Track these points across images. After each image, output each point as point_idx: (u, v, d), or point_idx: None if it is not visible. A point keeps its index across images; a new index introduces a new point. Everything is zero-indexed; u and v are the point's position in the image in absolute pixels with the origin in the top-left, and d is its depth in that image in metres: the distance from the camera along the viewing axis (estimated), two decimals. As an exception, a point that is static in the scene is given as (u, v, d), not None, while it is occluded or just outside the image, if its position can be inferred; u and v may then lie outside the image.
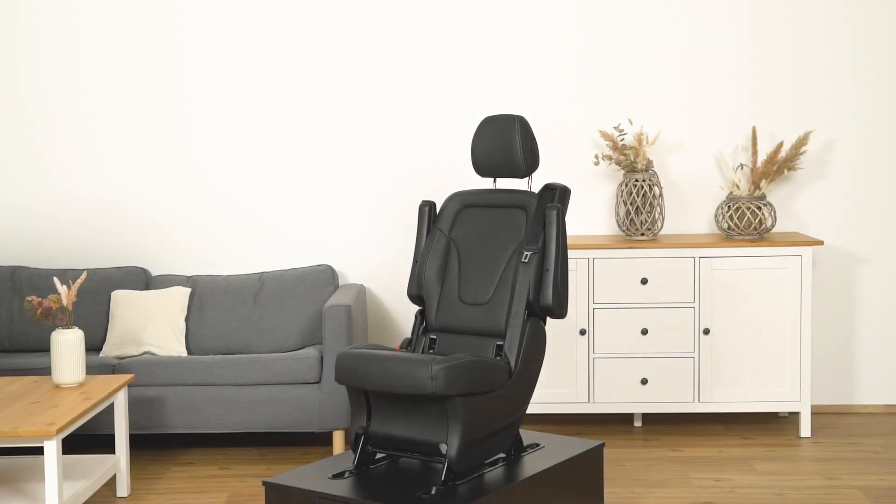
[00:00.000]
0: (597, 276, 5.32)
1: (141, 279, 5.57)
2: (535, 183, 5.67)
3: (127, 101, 5.75)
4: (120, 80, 5.75)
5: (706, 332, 5.32)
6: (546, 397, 5.36)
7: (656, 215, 5.46)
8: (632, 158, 5.46)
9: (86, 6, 5.71)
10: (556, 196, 4.01)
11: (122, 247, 5.78)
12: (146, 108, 5.75)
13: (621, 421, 5.64)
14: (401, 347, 4.10)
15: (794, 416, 5.66)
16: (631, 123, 5.66)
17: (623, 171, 5.57)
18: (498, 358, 3.91)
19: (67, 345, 4.46)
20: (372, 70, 5.75)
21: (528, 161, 4.01)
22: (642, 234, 5.47)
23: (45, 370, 5.01)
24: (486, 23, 5.73)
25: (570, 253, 5.30)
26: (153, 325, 5.26)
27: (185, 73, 5.74)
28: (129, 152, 5.77)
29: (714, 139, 5.73)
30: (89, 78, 5.75)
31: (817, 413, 5.72)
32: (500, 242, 4.05)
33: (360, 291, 5.45)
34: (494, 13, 5.72)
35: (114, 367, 5.04)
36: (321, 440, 5.43)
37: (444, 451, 3.68)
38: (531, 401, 4.86)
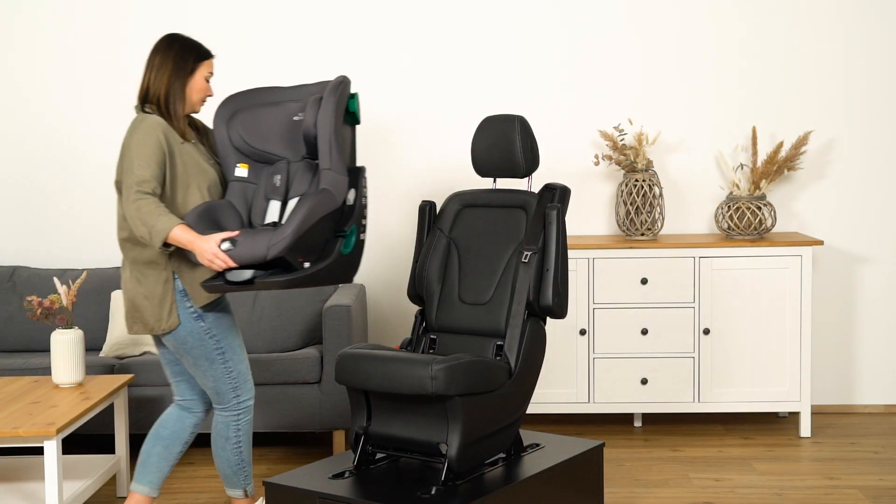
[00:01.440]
0: (597, 276, 5.32)
1: (141, 279, 5.56)
2: (535, 183, 5.67)
3: (129, 101, 5.75)
4: (122, 80, 5.75)
5: (706, 332, 5.32)
6: (546, 397, 5.36)
7: (656, 215, 5.46)
8: (632, 158, 5.46)
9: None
10: (556, 196, 4.01)
11: (122, 247, 5.78)
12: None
13: (621, 421, 5.64)
14: (401, 347, 4.10)
15: (794, 416, 5.66)
16: (631, 123, 5.66)
17: (623, 171, 5.57)
18: (498, 358, 3.91)
19: (67, 345, 4.46)
20: (371, 70, 5.74)
21: (528, 161, 4.01)
22: (642, 234, 5.47)
23: (45, 370, 5.01)
24: (486, 22, 5.73)
25: (570, 253, 5.30)
26: (153, 325, 5.26)
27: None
28: (129, 152, 5.77)
29: (714, 139, 5.73)
30: (90, 78, 5.75)
31: (817, 413, 5.72)
32: (500, 242, 4.05)
33: (360, 291, 5.45)
34: (494, 13, 5.72)
35: (114, 367, 5.04)
36: (321, 440, 5.43)
37: (444, 451, 3.68)
38: (531, 401, 4.86)
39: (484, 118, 4.17)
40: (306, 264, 3.55)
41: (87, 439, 5.46)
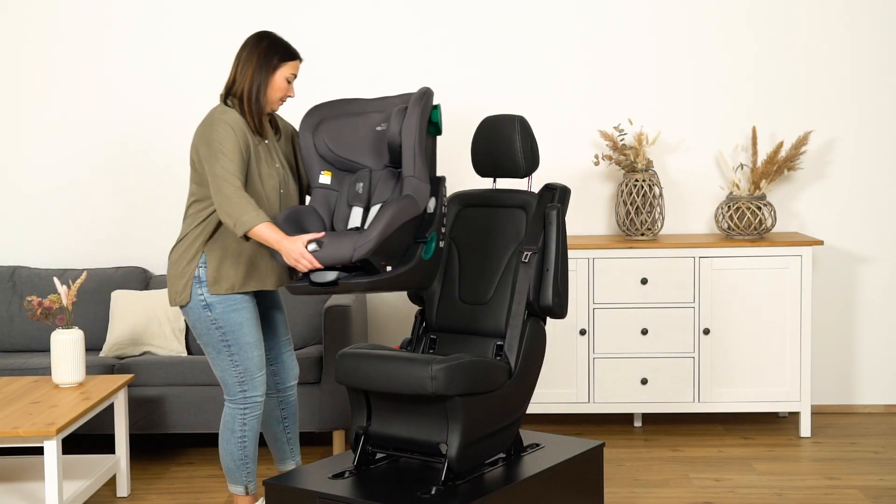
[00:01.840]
0: (597, 276, 5.32)
1: (141, 279, 5.56)
2: (535, 183, 5.67)
3: (124, 102, 5.75)
4: (116, 79, 5.74)
5: (706, 332, 5.31)
6: (546, 397, 5.36)
7: (656, 215, 5.46)
8: (632, 158, 5.46)
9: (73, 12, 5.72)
10: (556, 196, 4.02)
11: (122, 247, 5.78)
12: (144, 109, 5.75)
13: (621, 421, 5.64)
14: (401, 347, 4.10)
15: (794, 416, 5.66)
16: (631, 123, 5.66)
17: (623, 171, 5.57)
18: (498, 358, 3.91)
19: (67, 345, 4.47)
20: (370, 70, 5.74)
21: (528, 161, 4.01)
22: (642, 234, 5.47)
23: (45, 370, 5.01)
24: (486, 22, 5.73)
25: (570, 253, 5.29)
26: (153, 325, 5.26)
27: (183, 75, 5.74)
28: (130, 152, 5.77)
29: (714, 139, 5.73)
30: (84, 74, 5.75)
31: (817, 413, 5.72)
32: (500, 242, 4.05)
33: (360, 291, 5.44)
34: (494, 13, 5.72)
35: (114, 367, 5.04)
36: (321, 440, 5.43)
37: (444, 451, 3.68)
38: (531, 401, 4.86)
39: (484, 118, 4.17)
40: (388, 268, 3.64)
41: (87, 439, 5.46)
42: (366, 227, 3.72)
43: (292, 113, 4.99)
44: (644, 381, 5.34)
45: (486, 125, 4.09)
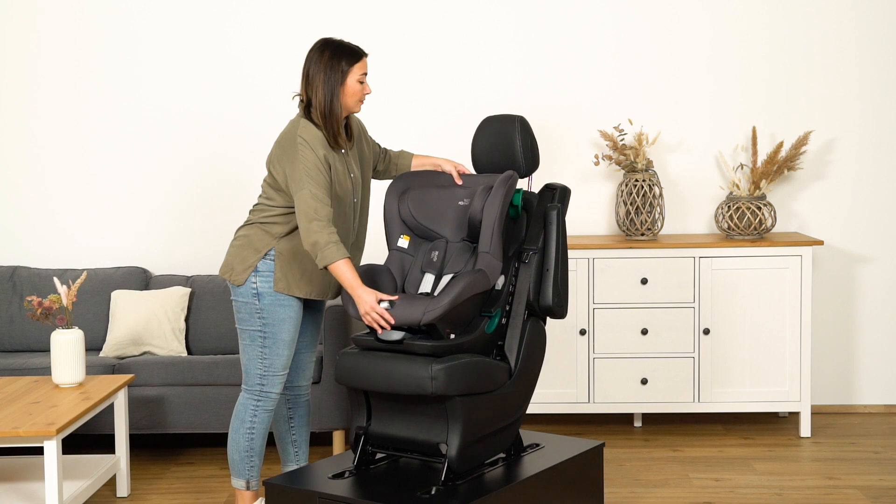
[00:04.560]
0: (597, 276, 5.32)
1: (141, 279, 5.56)
2: (535, 183, 5.67)
3: (122, 102, 5.75)
4: (113, 82, 5.74)
5: (706, 332, 5.31)
6: (546, 397, 5.36)
7: (656, 215, 5.46)
8: (632, 158, 5.46)
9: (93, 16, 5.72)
10: (556, 196, 4.02)
11: (122, 247, 5.78)
12: (142, 108, 5.75)
13: (621, 421, 5.64)
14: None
15: (794, 416, 5.66)
16: (631, 123, 5.66)
17: (623, 171, 5.57)
18: (498, 358, 3.91)
19: (67, 345, 4.46)
20: (370, 70, 5.74)
21: (528, 161, 4.02)
22: (642, 234, 5.47)
23: (45, 370, 5.01)
24: (486, 23, 5.73)
25: (570, 253, 5.29)
26: (153, 325, 5.26)
27: (180, 77, 5.74)
28: (129, 152, 5.76)
29: (714, 139, 5.73)
30: (82, 79, 5.74)
31: (817, 413, 5.72)
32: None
33: (360, 291, 5.44)
34: (494, 12, 5.72)
35: (114, 367, 5.04)
36: (321, 440, 5.43)
37: (444, 451, 3.68)
38: (531, 401, 4.86)
39: (484, 118, 4.17)
40: (451, 336, 3.74)
41: (87, 439, 5.46)
42: (436, 294, 3.81)
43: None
44: (644, 381, 5.34)
45: (486, 125, 4.09)
